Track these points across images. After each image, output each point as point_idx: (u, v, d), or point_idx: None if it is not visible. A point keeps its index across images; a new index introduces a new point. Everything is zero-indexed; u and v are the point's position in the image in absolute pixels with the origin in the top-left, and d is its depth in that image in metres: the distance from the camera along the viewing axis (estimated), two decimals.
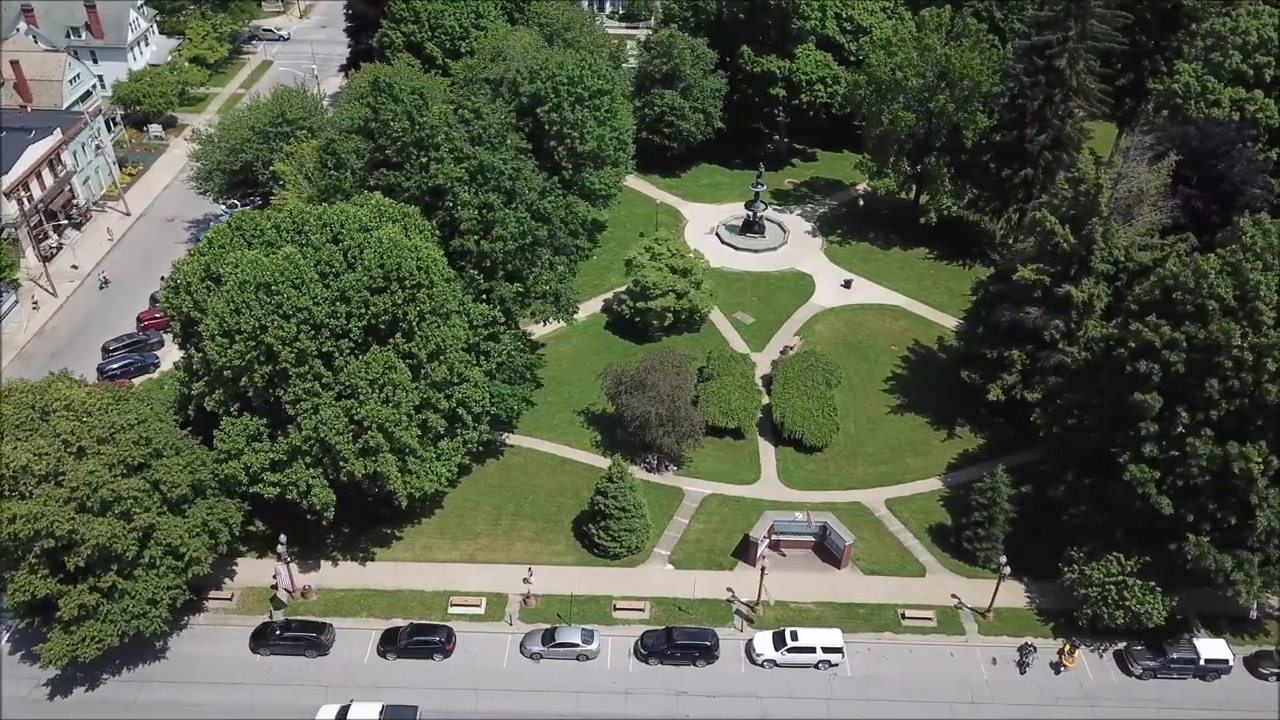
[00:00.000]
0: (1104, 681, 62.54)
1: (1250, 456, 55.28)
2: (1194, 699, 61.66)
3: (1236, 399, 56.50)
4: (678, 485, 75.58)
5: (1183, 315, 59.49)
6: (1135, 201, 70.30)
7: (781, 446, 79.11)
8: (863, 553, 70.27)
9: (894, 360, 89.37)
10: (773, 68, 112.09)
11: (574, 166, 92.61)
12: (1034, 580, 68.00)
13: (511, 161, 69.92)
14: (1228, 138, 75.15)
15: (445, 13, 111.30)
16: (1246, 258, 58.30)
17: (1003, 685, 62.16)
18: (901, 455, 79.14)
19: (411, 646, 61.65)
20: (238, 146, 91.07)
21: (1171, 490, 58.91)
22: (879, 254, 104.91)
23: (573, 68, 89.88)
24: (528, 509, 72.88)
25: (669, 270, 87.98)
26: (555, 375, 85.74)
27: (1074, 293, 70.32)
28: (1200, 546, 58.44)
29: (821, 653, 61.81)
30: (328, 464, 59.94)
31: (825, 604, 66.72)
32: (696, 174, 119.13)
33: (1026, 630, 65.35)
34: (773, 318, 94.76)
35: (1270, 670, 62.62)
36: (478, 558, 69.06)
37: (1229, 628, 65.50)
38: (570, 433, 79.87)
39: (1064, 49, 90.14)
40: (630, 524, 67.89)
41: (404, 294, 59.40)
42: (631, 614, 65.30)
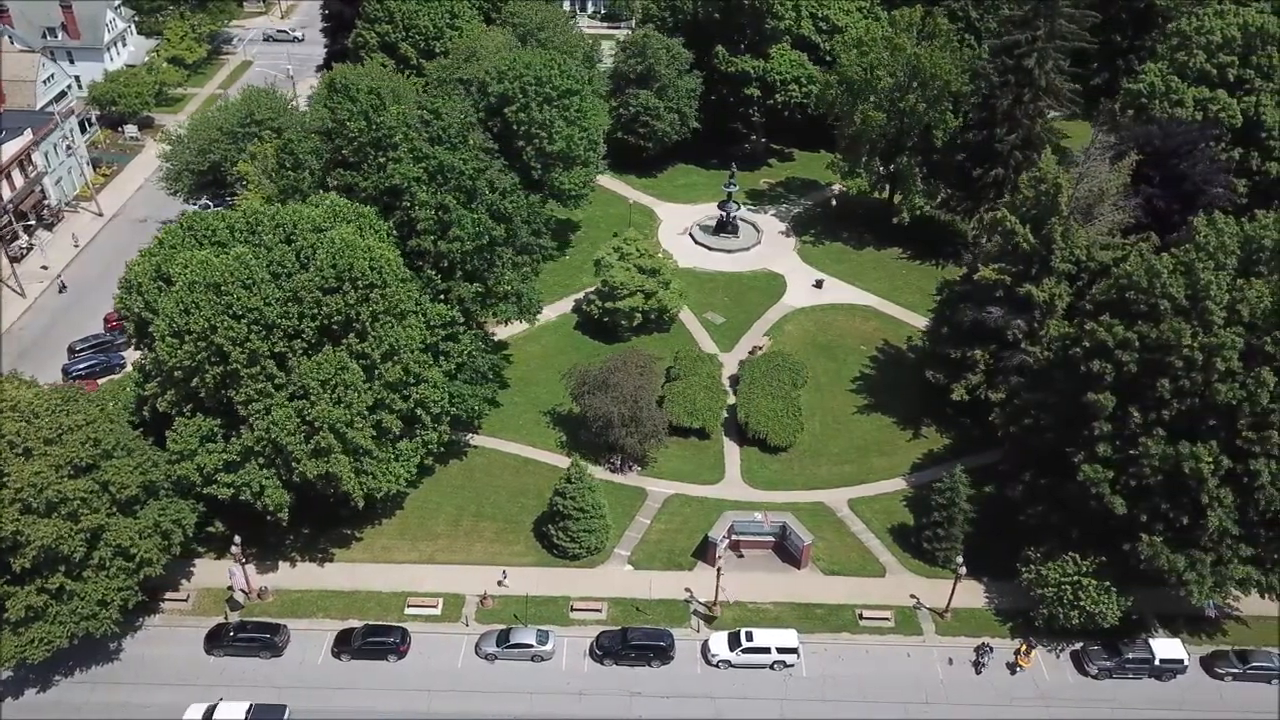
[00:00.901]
0: (1060, 681, 62.47)
1: (1200, 456, 55.19)
2: (1150, 699, 61.59)
3: (1187, 399, 56.43)
4: (641, 485, 75.46)
5: (1136, 315, 59.46)
6: (1096, 201, 70.24)
7: (746, 446, 78.99)
8: (823, 553, 70.18)
9: (863, 360, 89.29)
10: (747, 67, 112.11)
11: (543, 166, 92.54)
12: (994, 580, 67.93)
13: (471, 161, 69.72)
14: (1189, 137, 75.10)
15: (419, 13, 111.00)
16: (1199, 257, 58.26)
17: (958, 685, 62.07)
18: (866, 455, 79.05)
19: (366, 647, 61.51)
20: (205, 147, 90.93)
21: (1125, 490, 58.85)
22: (852, 254, 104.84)
23: (540, 68, 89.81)
24: (489, 510, 72.75)
25: (637, 270, 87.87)
26: (522, 375, 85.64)
27: (1034, 292, 70.26)
28: (1153, 546, 58.37)
29: (776, 653, 61.67)
30: (280, 465, 59.82)
31: (784, 604, 66.60)
32: (673, 174, 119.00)
33: (984, 630, 65.25)
34: (743, 318, 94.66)
35: (1226, 670, 62.54)
36: (437, 559, 68.91)
37: (1187, 627, 65.45)
38: (535, 433, 79.74)
39: (1033, 48, 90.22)
40: (589, 525, 67.77)
41: (356, 294, 59.26)
42: (589, 615, 65.17)
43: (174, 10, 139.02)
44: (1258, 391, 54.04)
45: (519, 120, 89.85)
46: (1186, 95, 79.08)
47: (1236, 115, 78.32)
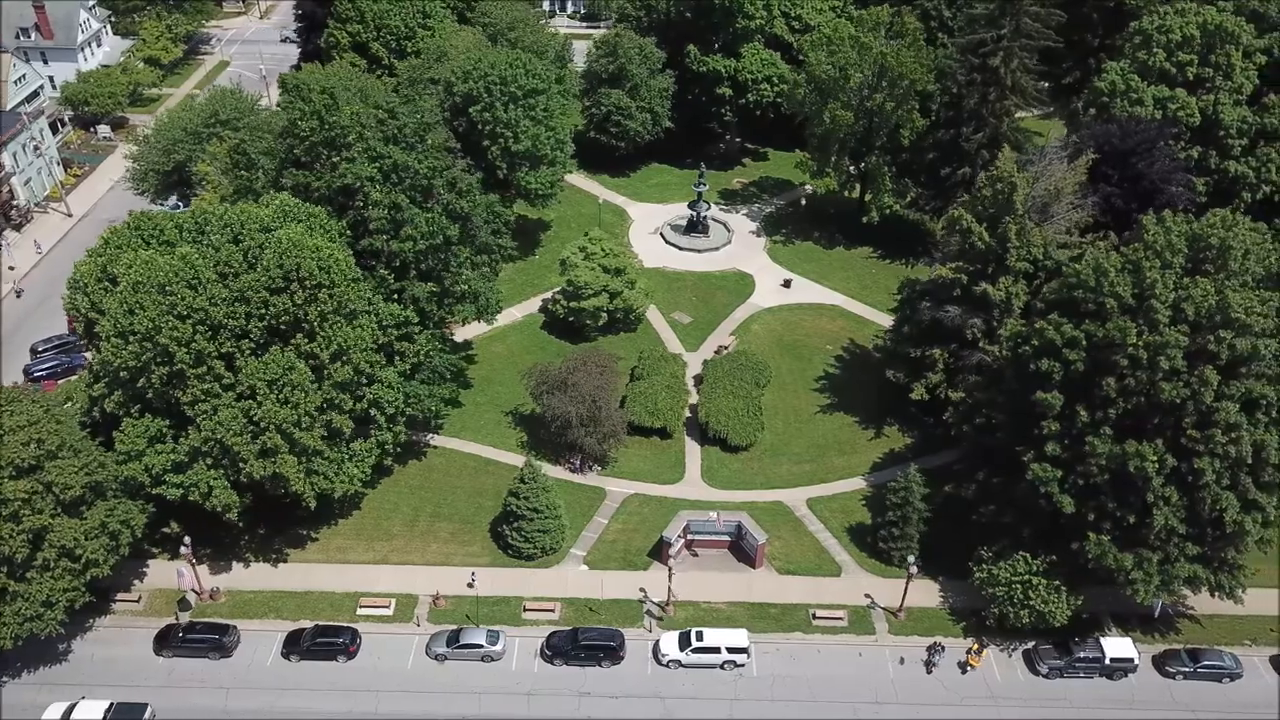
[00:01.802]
0: (1010, 681, 62.41)
1: (1145, 455, 55.14)
2: (1100, 698, 61.54)
3: (1133, 397, 56.38)
4: (601, 485, 75.37)
5: (1085, 314, 59.39)
6: (1052, 200, 70.17)
7: (707, 446, 78.89)
8: (780, 552, 70.12)
9: (827, 360, 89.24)
10: (718, 67, 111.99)
11: (509, 166, 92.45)
12: (949, 580, 67.86)
13: (426, 161, 69.60)
14: (1147, 136, 75.01)
15: (391, 13, 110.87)
16: (1146, 256, 58.21)
17: (908, 685, 62.00)
18: (827, 454, 79.00)
19: (315, 648, 61.41)
20: (170, 147, 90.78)
21: (1073, 489, 58.79)
22: (822, 253, 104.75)
23: (505, 67, 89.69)
24: (446, 510, 72.63)
25: (601, 270, 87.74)
26: (486, 375, 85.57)
27: (990, 291, 70.20)
28: (1101, 545, 58.32)
29: (726, 653, 61.60)
30: (228, 466, 59.68)
31: (738, 604, 66.52)
32: (646, 173, 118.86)
33: (937, 630, 65.18)
34: (710, 317, 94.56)
35: (1177, 669, 62.47)
36: (391, 559, 68.82)
37: (1140, 626, 65.39)
38: (496, 434, 79.63)
39: (999, 47, 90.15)
40: (543, 525, 67.65)
41: (304, 294, 59.16)
42: (541, 615, 65.07)
43: (150, 11, 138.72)
44: (1201, 390, 53.97)
45: (483, 120, 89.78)
46: (1146, 94, 79.03)
47: (1195, 114, 78.24)
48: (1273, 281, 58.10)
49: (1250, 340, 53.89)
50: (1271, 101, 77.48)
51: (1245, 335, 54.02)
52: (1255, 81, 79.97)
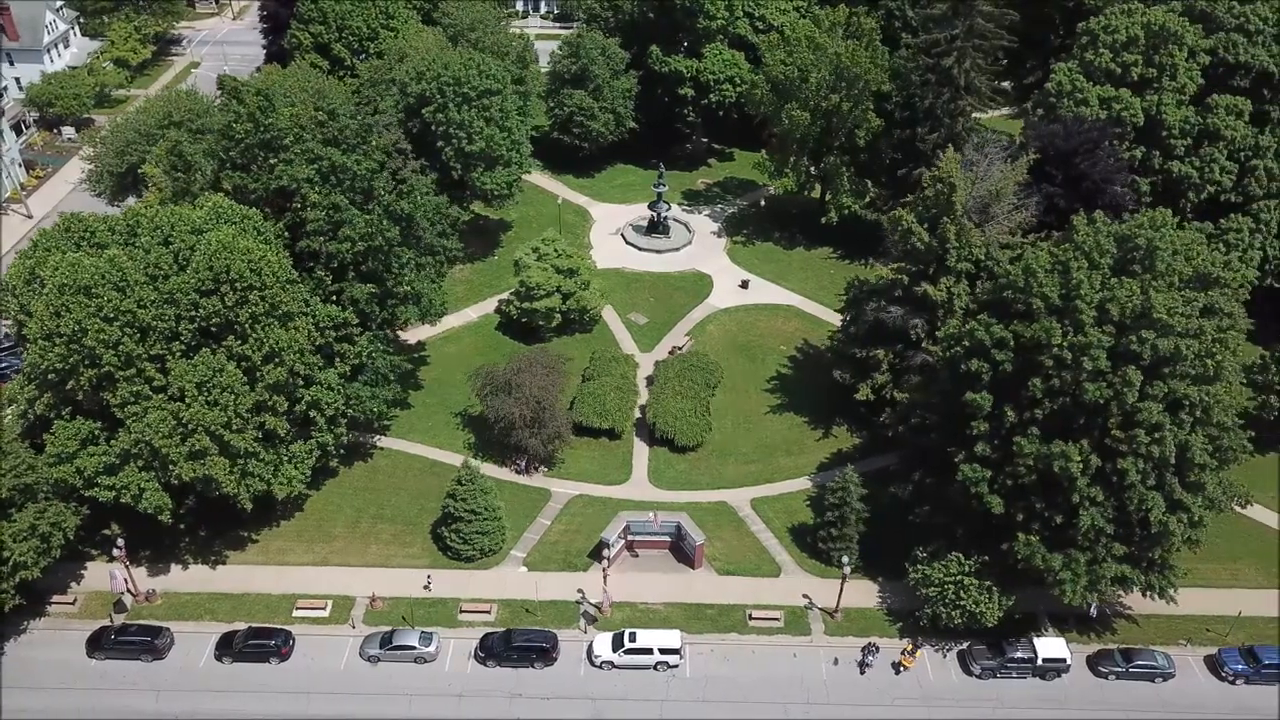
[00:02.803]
0: (944, 681, 62.44)
1: (1070, 456, 55.19)
2: (1032, 698, 61.58)
3: (1059, 398, 56.42)
4: (546, 486, 75.38)
5: (1015, 314, 59.44)
6: (992, 200, 70.19)
7: (655, 447, 78.90)
8: (720, 553, 70.15)
9: (781, 360, 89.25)
10: (680, 67, 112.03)
11: (464, 166, 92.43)
12: (887, 580, 67.90)
13: (365, 162, 69.54)
14: (1090, 137, 75.04)
15: (353, 14, 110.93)
16: (1074, 257, 58.25)
17: (841, 686, 62.01)
18: (774, 455, 79.02)
19: (247, 650, 61.41)
20: (124, 149, 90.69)
21: (1002, 489, 58.83)
22: (782, 254, 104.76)
23: (458, 68, 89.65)
24: (389, 512, 72.61)
25: (554, 271, 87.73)
26: (437, 377, 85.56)
27: (931, 292, 70.27)
28: (1030, 545, 58.37)
29: (659, 654, 61.62)
30: (158, 468, 59.65)
31: (675, 604, 66.52)
32: (611, 174, 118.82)
33: (873, 630, 65.20)
34: (667, 318, 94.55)
35: (1110, 669, 62.51)
36: (331, 560, 68.79)
37: (1076, 626, 65.42)
38: (444, 435, 79.61)
39: (952, 47, 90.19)
40: (482, 527, 67.62)
41: (235, 296, 59.18)
42: (477, 616, 65.07)
43: (119, 12, 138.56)
44: (1124, 391, 54.02)
45: (437, 120, 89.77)
46: (1091, 94, 79.01)
47: (1138, 114, 78.22)
48: (1201, 282, 58.08)
49: (1173, 341, 53.94)
50: (1215, 102, 77.46)
51: (1167, 336, 54.06)
52: (1199, 82, 79.97)
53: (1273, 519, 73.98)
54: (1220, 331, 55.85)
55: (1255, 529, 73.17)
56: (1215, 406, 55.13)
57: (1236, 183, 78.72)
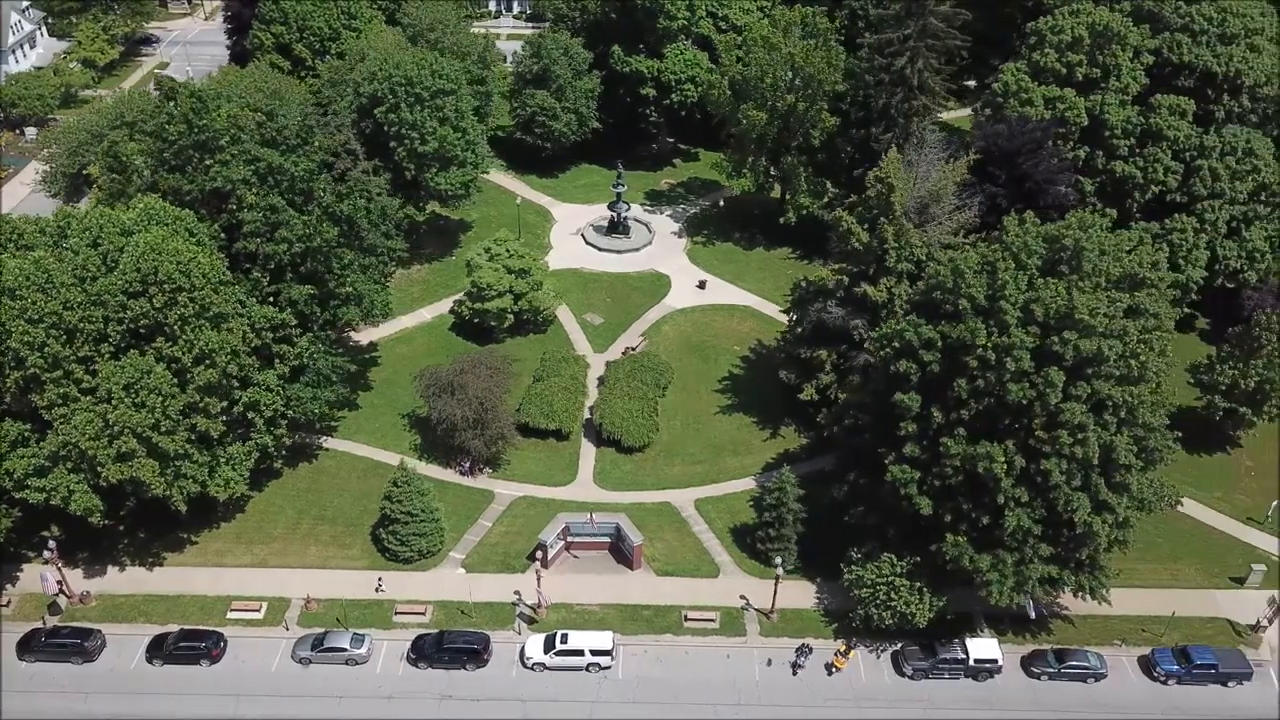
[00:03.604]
0: (875, 682, 62.44)
1: (995, 456, 55.19)
2: (963, 698, 61.59)
3: (984, 399, 56.40)
4: (490, 488, 75.32)
5: (944, 315, 59.41)
6: (931, 201, 70.16)
7: (602, 448, 78.87)
8: (661, 553, 70.12)
9: (734, 360, 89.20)
10: (641, 67, 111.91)
11: (417, 167, 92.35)
12: (826, 581, 67.88)
13: (303, 163, 69.42)
14: (1033, 137, 75.03)
15: (314, 14, 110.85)
16: (1002, 257, 58.24)
17: (773, 687, 62.00)
18: (721, 455, 78.98)
19: (178, 652, 61.37)
20: (75, 149, 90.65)
21: (931, 490, 58.82)
22: (741, 254, 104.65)
23: (410, 68, 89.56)
24: (331, 513, 72.52)
25: (505, 271, 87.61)
26: (388, 377, 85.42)
27: (871, 292, 70.27)
28: (958, 546, 58.38)
29: (590, 655, 61.61)
30: (87, 470, 59.57)
31: (611, 606, 66.48)
32: (575, 174, 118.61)
33: (808, 631, 65.21)
34: (623, 319, 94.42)
35: (1042, 670, 62.51)
36: (269, 562, 68.73)
37: (1012, 627, 65.41)
38: (391, 436, 79.48)
39: (905, 47, 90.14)
40: (419, 528, 67.55)
41: (163, 297, 59.11)
42: (412, 618, 65.00)
43: (88, 13, 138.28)
44: (1047, 392, 53.99)
45: (389, 120, 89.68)
46: (1036, 94, 79.00)
47: (1081, 114, 78.18)
48: (1129, 283, 58.07)
49: (1095, 341, 53.89)
50: (1158, 102, 77.43)
51: (1090, 337, 54.01)
52: (1144, 82, 79.95)
53: (1216, 519, 74.01)
54: (1145, 332, 55.82)
55: (1198, 529, 73.25)
56: (1140, 407, 55.08)
57: (1182, 183, 78.69)
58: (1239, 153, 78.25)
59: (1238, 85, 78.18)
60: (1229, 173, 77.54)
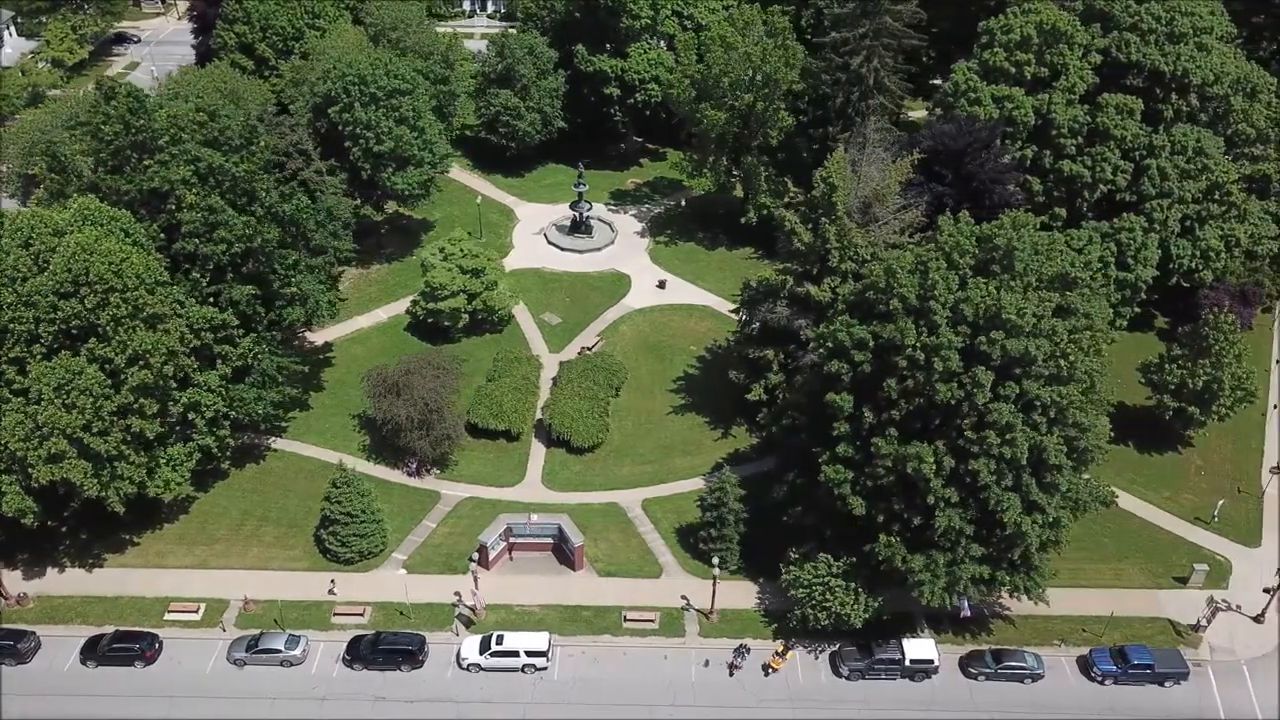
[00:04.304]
0: (812, 683, 62.33)
1: (924, 457, 55.07)
2: (900, 699, 61.50)
3: (914, 399, 56.26)
4: (436, 489, 75.15)
5: (878, 315, 59.27)
6: (874, 200, 70.03)
7: (552, 449, 78.71)
8: (604, 554, 70.00)
9: (689, 360, 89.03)
10: (605, 67, 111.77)
11: (373, 167, 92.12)
12: (768, 581, 67.75)
13: (244, 164, 69.17)
14: (979, 136, 74.91)
15: (277, 14, 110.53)
16: (934, 257, 58.12)
17: (709, 687, 61.88)
18: (671, 455, 78.83)
19: (112, 654, 61.23)
20: (28, 149, 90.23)
21: (863, 490, 58.69)
22: (703, 254, 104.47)
23: (364, 67, 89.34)
24: (275, 514, 72.31)
25: (459, 271, 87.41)
26: (340, 378, 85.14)
27: (814, 292, 70.14)
28: (891, 546, 58.27)
29: (525, 656, 61.48)
30: (18, 471, 59.37)
31: (551, 606, 66.34)
32: (542, 174, 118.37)
33: (748, 632, 65.08)
34: (581, 318, 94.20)
35: (979, 670, 62.42)
36: (210, 563, 68.55)
37: (952, 627, 65.27)
38: (341, 437, 79.26)
39: (860, 46, 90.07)
40: (360, 529, 67.39)
41: (95, 298, 58.91)
42: (350, 619, 64.84)
43: (57, 12, 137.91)
44: (975, 392, 53.87)
45: (343, 120, 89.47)
46: (984, 94, 78.84)
47: (1029, 114, 78.02)
48: (1061, 282, 57.92)
49: (1022, 342, 53.75)
50: (1105, 101, 77.26)
51: (1017, 336, 53.88)
52: (1094, 81, 79.75)
53: (1163, 518, 73.90)
54: (1075, 332, 55.66)
55: (1144, 529, 73.15)
56: (1070, 407, 54.89)
57: (1132, 182, 78.55)
58: (1189, 152, 78.11)
59: (1185, 84, 78.02)
60: (1178, 172, 77.40)
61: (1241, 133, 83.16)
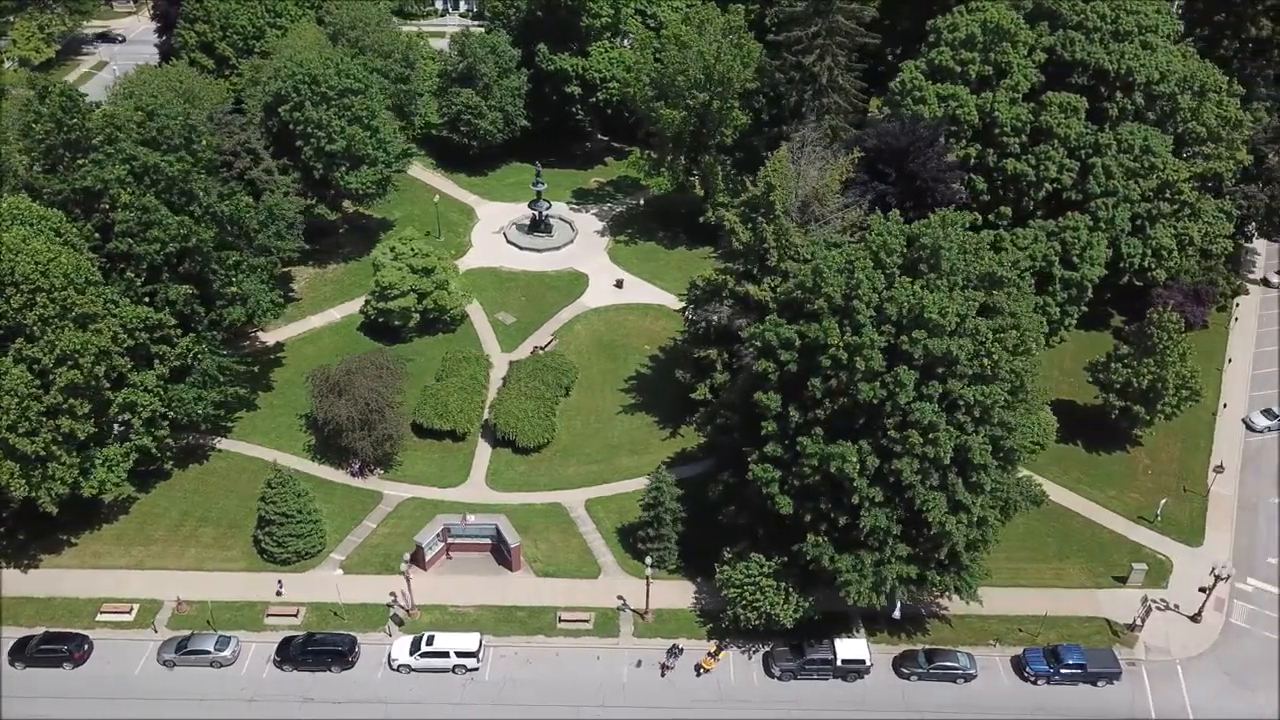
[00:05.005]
0: (744, 683, 62.16)
1: (847, 456, 54.87)
2: (831, 699, 61.34)
3: (839, 398, 56.06)
4: (379, 489, 74.96)
5: (805, 314, 59.04)
6: (813, 199, 69.84)
7: (498, 449, 78.51)
8: (544, 554, 69.83)
9: (642, 360, 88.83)
10: (566, 65, 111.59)
11: (325, 166, 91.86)
12: (705, 581, 67.53)
13: (179, 163, 68.87)
14: (921, 136, 74.70)
15: (237, 12, 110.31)
16: (860, 257, 57.92)
17: (640, 688, 61.73)
18: (618, 455, 78.65)
19: (39, 655, 61.07)
20: None
21: (791, 490, 58.48)
22: (663, 253, 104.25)
23: (315, 67, 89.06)
24: (215, 515, 72.09)
25: (409, 270, 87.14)
26: (290, 378, 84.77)
27: (753, 291, 69.94)
28: (819, 546, 58.11)
29: (455, 657, 61.29)
30: None
31: (487, 607, 66.16)
32: (505, 172, 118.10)
33: (683, 632, 64.93)
34: (536, 318, 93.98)
35: (912, 670, 62.25)
36: (146, 564, 68.36)
37: (888, 627, 65.09)
38: (287, 437, 79.01)
39: (814, 45, 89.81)
40: (296, 529, 67.21)
41: (21, 298, 58.70)
42: (283, 620, 64.64)
43: (24, 12, 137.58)
44: (897, 391, 53.67)
45: (294, 119, 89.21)
46: (929, 92, 78.61)
47: (972, 112, 77.79)
48: (988, 282, 57.71)
49: (944, 341, 53.55)
50: (1048, 100, 77.03)
51: (938, 336, 53.68)
52: (1040, 79, 79.49)
53: (1108, 518, 73.73)
54: (1000, 331, 55.45)
55: (1088, 528, 73.01)
56: (994, 407, 54.70)
57: (1078, 181, 78.34)
58: (1136, 150, 77.91)
59: (1130, 82, 77.74)
60: (1124, 171, 77.16)
61: (1192, 131, 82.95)
